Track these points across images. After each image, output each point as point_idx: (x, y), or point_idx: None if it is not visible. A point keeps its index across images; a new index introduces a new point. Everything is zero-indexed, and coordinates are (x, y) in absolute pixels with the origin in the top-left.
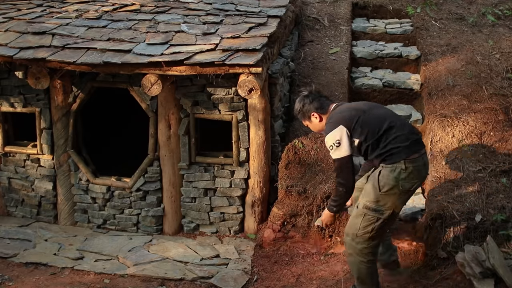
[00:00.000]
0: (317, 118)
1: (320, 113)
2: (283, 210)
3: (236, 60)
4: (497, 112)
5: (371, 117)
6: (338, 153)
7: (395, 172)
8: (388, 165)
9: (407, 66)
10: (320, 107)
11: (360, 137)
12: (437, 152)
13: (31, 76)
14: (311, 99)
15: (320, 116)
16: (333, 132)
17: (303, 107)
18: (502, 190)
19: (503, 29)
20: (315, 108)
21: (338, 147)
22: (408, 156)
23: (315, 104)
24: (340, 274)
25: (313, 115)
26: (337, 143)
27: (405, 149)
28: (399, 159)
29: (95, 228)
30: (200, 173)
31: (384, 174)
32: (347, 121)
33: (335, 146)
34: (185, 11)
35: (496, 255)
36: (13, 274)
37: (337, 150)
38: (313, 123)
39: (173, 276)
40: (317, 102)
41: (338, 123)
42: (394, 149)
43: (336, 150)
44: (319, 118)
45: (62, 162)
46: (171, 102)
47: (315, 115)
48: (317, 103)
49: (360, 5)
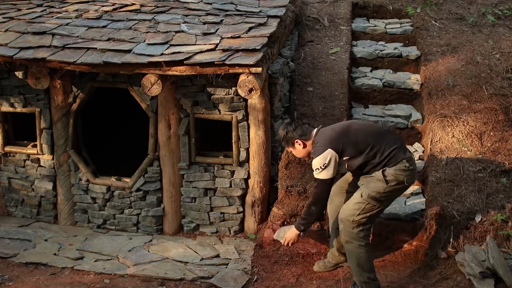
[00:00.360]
0: (301, 145)
1: (304, 140)
2: (283, 210)
3: (236, 60)
4: (497, 112)
5: (358, 133)
6: (323, 175)
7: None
8: (392, 167)
9: (407, 66)
10: (303, 134)
11: (352, 154)
12: (437, 152)
13: (31, 76)
14: (294, 126)
15: (304, 143)
16: (322, 155)
17: (287, 134)
18: (502, 190)
19: (503, 29)
20: (299, 135)
21: (324, 169)
22: (405, 156)
23: (298, 131)
24: (340, 274)
25: (296, 142)
26: (323, 166)
27: (400, 151)
28: (400, 159)
29: (95, 228)
30: (200, 173)
31: (390, 172)
32: (335, 143)
33: (322, 168)
34: (185, 11)
35: (496, 255)
36: (13, 274)
37: (323, 172)
38: (296, 149)
39: (173, 276)
40: (300, 130)
41: (327, 146)
42: (391, 153)
43: (322, 172)
44: (302, 144)
45: (62, 162)
46: (171, 102)
47: (299, 141)
48: (300, 130)
49: (360, 5)
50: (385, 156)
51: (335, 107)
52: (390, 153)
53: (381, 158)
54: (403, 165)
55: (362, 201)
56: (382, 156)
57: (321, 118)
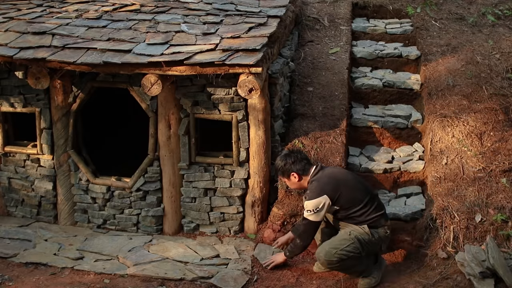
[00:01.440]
0: (296, 178)
1: (301, 174)
2: (283, 210)
3: (236, 60)
4: (497, 112)
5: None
6: (313, 217)
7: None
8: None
9: (407, 66)
10: (302, 170)
11: (342, 206)
12: (437, 152)
13: (31, 76)
14: (293, 159)
15: (300, 177)
16: (318, 199)
17: (284, 166)
18: (502, 190)
19: (503, 29)
20: (297, 169)
21: (315, 213)
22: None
23: (297, 165)
24: (340, 274)
25: (292, 175)
26: (316, 210)
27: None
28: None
29: (95, 228)
30: (200, 173)
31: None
32: (331, 192)
33: (314, 211)
34: (185, 11)
35: (496, 255)
36: (13, 274)
37: (314, 215)
38: (291, 181)
39: (173, 276)
40: (298, 165)
41: (324, 192)
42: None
43: (313, 215)
44: (298, 178)
45: (62, 162)
46: (171, 102)
47: (295, 175)
48: (299, 166)
49: (360, 5)
50: (370, 218)
51: (335, 107)
52: (375, 217)
53: (366, 218)
54: (383, 231)
55: (350, 239)
56: (368, 217)
57: (321, 118)
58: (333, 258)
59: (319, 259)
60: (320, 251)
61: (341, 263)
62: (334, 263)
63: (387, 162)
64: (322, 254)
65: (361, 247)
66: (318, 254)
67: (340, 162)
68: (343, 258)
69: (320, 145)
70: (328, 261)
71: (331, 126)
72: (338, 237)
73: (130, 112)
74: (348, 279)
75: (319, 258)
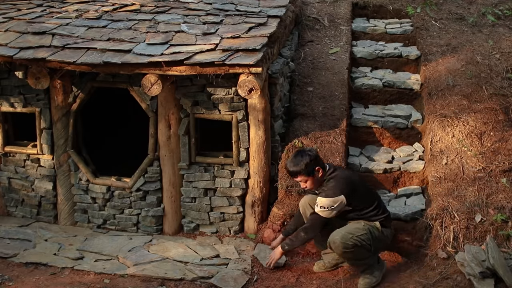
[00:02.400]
0: (321, 173)
1: (323, 169)
2: (283, 210)
3: (236, 60)
4: (497, 112)
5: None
6: (325, 214)
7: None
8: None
9: (407, 66)
10: (323, 165)
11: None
12: (437, 152)
13: (31, 76)
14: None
15: (323, 172)
16: (335, 198)
17: (310, 162)
18: (502, 190)
19: (503, 29)
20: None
21: (329, 210)
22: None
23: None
24: (340, 274)
25: (317, 170)
26: (331, 208)
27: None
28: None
29: (95, 228)
30: (200, 173)
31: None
32: (349, 192)
33: (328, 209)
34: (185, 11)
35: (496, 255)
36: (13, 274)
37: (327, 212)
38: (315, 178)
39: (173, 276)
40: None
41: (341, 192)
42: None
43: (326, 211)
44: (322, 173)
45: (62, 162)
46: (171, 102)
47: (320, 170)
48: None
49: (360, 5)
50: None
51: (335, 107)
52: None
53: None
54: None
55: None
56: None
57: (321, 118)
58: (349, 242)
59: (334, 242)
60: (335, 234)
61: (355, 250)
62: (349, 248)
63: (387, 162)
64: (338, 237)
65: (372, 240)
66: (333, 237)
67: (340, 162)
68: (357, 244)
69: (320, 145)
70: (344, 244)
71: (331, 126)
72: (352, 225)
73: (130, 112)
74: (348, 279)
75: (334, 242)
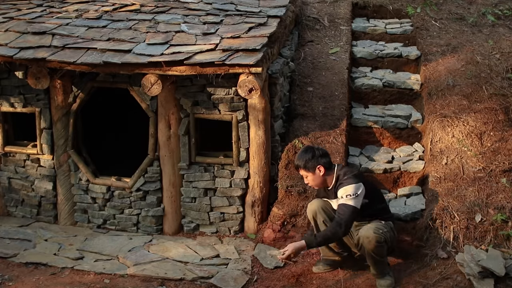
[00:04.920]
0: (322, 171)
1: (327, 168)
2: (283, 210)
3: (236, 60)
4: (497, 112)
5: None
6: (354, 202)
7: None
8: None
9: (407, 66)
10: (328, 164)
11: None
12: (437, 152)
13: (31, 76)
14: (321, 152)
15: (325, 171)
16: (356, 185)
17: (312, 158)
18: (502, 190)
19: (503, 29)
20: (323, 163)
21: (355, 197)
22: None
23: (324, 159)
24: (340, 274)
25: (318, 168)
26: (355, 194)
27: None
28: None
29: (95, 228)
30: (200, 173)
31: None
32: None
33: (353, 196)
34: (185, 11)
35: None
36: (13, 274)
37: (355, 199)
38: (315, 175)
39: (173, 276)
40: (326, 159)
41: (359, 180)
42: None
43: (354, 199)
44: (323, 172)
45: (62, 162)
46: (171, 102)
47: (321, 168)
48: (326, 160)
49: (360, 5)
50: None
51: (335, 107)
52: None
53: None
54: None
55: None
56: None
57: (321, 118)
58: (381, 236)
59: (367, 236)
60: (368, 229)
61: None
62: (381, 242)
63: (387, 162)
64: (371, 231)
65: (391, 239)
66: (367, 231)
67: (340, 162)
68: (386, 240)
69: (320, 145)
70: (378, 237)
71: (331, 126)
72: (376, 224)
73: (130, 112)
74: (348, 279)
75: (367, 236)
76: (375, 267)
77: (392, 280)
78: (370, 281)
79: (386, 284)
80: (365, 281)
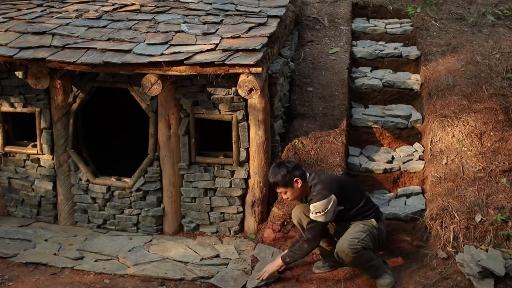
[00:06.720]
0: (299, 183)
1: (302, 180)
2: (283, 210)
3: (236, 60)
4: (497, 112)
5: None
6: (323, 218)
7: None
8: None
9: (407, 66)
10: (302, 175)
11: (347, 204)
12: (437, 152)
13: (31, 76)
14: (293, 165)
15: (302, 183)
16: (326, 199)
17: (287, 173)
18: (502, 190)
19: (503, 29)
20: (299, 175)
21: (325, 213)
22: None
23: (298, 171)
24: (340, 274)
25: (296, 181)
26: (326, 210)
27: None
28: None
29: (95, 228)
30: (200, 173)
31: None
32: (337, 190)
33: (323, 212)
34: (185, 11)
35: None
36: (13, 274)
37: (324, 216)
38: (294, 189)
39: (173, 276)
40: (299, 170)
41: (330, 192)
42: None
43: (323, 215)
44: (301, 183)
45: (62, 162)
46: (171, 102)
47: (298, 180)
48: (300, 171)
49: (360, 5)
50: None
51: (335, 107)
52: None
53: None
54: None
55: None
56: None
57: (321, 118)
58: (357, 246)
59: (343, 251)
60: (343, 243)
61: (364, 253)
62: (359, 251)
63: (387, 162)
64: (346, 245)
65: (373, 240)
66: (341, 245)
67: (340, 162)
68: (365, 247)
69: (320, 145)
70: (353, 249)
71: (331, 126)
72: (353, 230)
73: (130, 112)
74: (348, 279)
75: (343, 250)
76: (366, 273)
77: (391, 278)
78: (370, 281)
79: (385, 283)
80: (365, 281)
